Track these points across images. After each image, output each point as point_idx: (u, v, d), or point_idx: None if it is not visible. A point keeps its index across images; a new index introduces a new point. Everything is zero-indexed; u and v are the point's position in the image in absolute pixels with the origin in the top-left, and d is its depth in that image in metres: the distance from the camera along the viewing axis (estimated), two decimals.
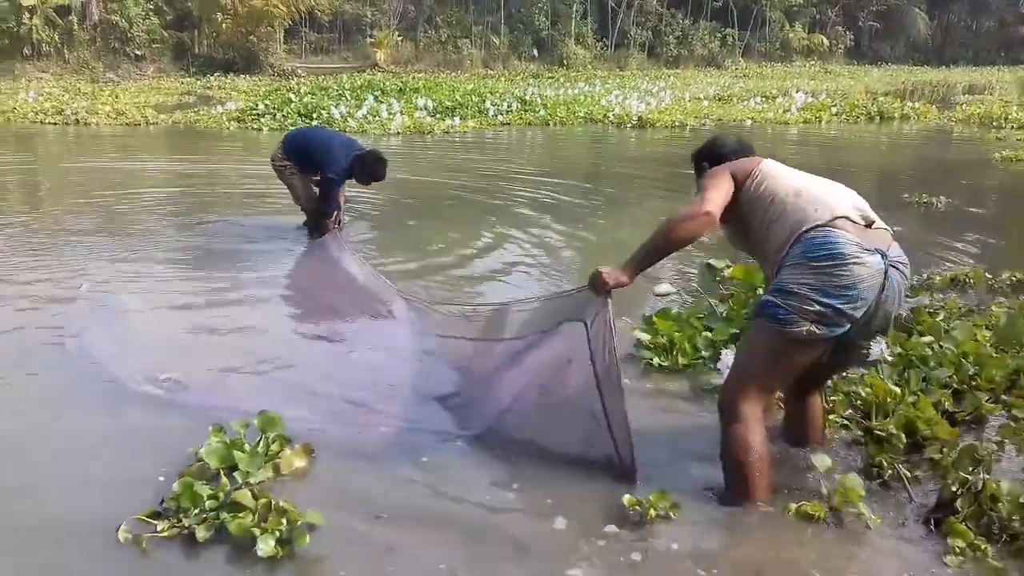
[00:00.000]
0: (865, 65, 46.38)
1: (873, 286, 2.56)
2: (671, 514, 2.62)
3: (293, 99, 16.60)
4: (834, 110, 19.02)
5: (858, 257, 2.54)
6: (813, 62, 45.83)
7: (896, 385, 3.36)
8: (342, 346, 4.38)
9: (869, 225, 2.67)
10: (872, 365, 3.38)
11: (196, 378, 3.78)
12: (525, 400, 3.24)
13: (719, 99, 23.10)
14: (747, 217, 2.83)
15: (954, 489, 2.59)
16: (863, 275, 2.54)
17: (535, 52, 39.70)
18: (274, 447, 3.00)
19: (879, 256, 2.58)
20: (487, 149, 13.36)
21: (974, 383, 3.55)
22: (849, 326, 2.58)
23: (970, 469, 2.65)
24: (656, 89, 25.38)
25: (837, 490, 2.64)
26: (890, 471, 2.87)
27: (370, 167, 6.05)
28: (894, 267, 2.62)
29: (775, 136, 15.96)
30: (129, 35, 27.00)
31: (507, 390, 3.37)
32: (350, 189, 6.78)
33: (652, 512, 2.61)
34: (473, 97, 18.34)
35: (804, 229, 2.63)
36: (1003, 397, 3.46)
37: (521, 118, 16.91)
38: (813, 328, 2.56)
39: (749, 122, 17.94)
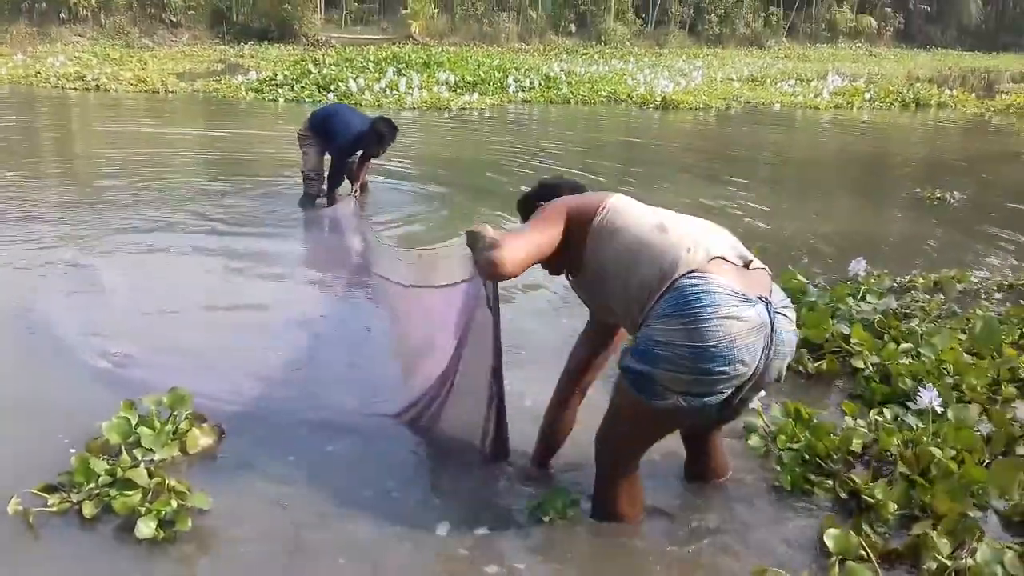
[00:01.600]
0: (914, 49, 45.10)
1: (754, 344, 2.17)
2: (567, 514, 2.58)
3: (312, 70, 16.56)
4: (868, 96, 18.51)
5: (735, 309, 2.14)
6: (859, 44, 44.70)
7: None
8: (307, 326, 4.34)
9: (747, 265, 2.30)
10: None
11: (147, 354, 3.78)
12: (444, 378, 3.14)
13: (752, 80, 22.62)
14: (599, 258, 2.41)
15: None
16: (738, 333, 2.13)
17: (572, 27, 39.22)
18: (183, 425, 2.98)
19: (762, 305, 2.20)
20: (495, 126, 13.23)
21: (957, 393, 3.37)
22: (730, 391, 2.23)
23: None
24: (690, 69, 24.92)
25: None
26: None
27: (376, 132, 6.27)
28: (780, 314, 2.26)
29: (802, 120, 15.61)
30: (166, 1, 27.18)
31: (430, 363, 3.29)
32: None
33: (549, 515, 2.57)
34: (496, 73, 18.16)
35: (679, 275, 2.21)
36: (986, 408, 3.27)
37: (543, 95, 16.69)
38: (680, 401, 2.20)
39: (778, 106, 17.54)
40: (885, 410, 3.24)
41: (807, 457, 2.89)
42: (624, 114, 15.64)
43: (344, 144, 6.40)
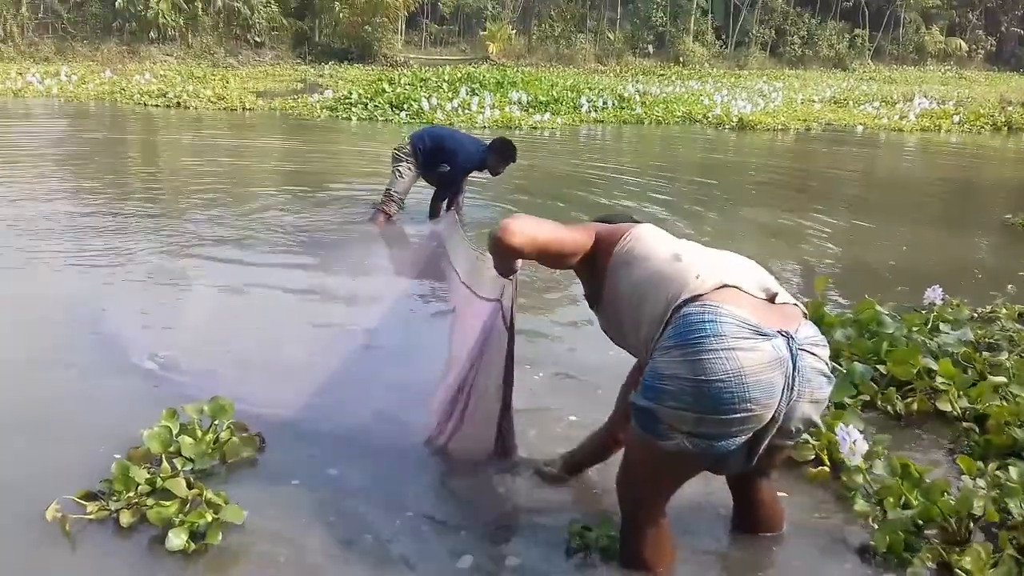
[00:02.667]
0: (1006, 72, 43.45)
1: (769, 381, 1.92)
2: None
3: (387, 89, 16.81)
4: (956, 119, 17.84)
5: (745, 341, 1.92)
6: (949, 67, 43.33)
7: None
8: (367, 341, 4.28)
9: (771, 299, 2.09)
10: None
11: (202, 363, 3.77)
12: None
13: (834, 102, 22.09)
14: (616, 290, 2.26)
15: None
16: (748, 367, 1.90)
17: (650, 48, 39.07)
18: (224, 435, 2.94)
19: (781, 339, 1.96)
20: (565, 146, 13.14)
21: None
22: (745, 437, 2.00)
23: None
24: (769, 90, 24.50)
25: None
26: None
27: (501, 151, 6.38)
28: (806, 351, 2.00)
29: (886, 143, 15.13)
30: (250, 22, 28.10)
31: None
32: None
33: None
34: (569, 93, 18.13)
35: (681, 301, 2.02)
36: None
37: (616, 116, 16.62)
38: (685, 442, 1.98)
39: (860, 128, 17.09)
40: (1012, 468, 2.69)
41: (920, 523, 2.48)
42: (699, 135, 15.41)
43: (467, 166, 6.50)
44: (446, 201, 6.81)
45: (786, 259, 5.94)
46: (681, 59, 38.38)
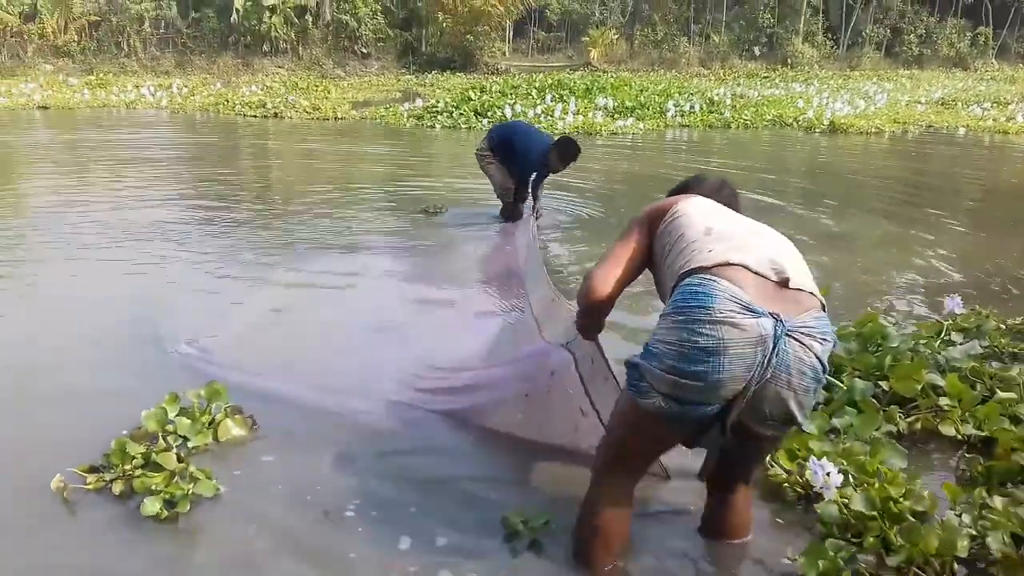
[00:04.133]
0: None
1: (745, 356, 2.01)
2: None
3: (472, 97, 17.18)
4: None
5: (731, 316, 2.02)
6: None
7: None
8: (403, 340, 4.36)
9: (783, 284, 2.14)
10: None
11: (229, 354, 4.04)
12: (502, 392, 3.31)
13: (941, 103, 21.12)
14: (657, 257, 2.42)
15: None
16: (731, 340, 2.01)
17: (756, 51, 38.22)
18: (219, 416, 3.25)
19: (770, 320, 2.03)
20: (635, 152, 13.11)
21: None
22: (717, 406, 2.10)
23: None
24: (875, 91, 23.64)
25: None
26: None
27: (562, 149, 6.45)
28: (794, 339, 2.05)
29: (987, 146, 14.42)
30: (357, 34, 29.17)
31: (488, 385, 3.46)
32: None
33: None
34: (657, 97, 18.05)
35: (684, 272, 2.17)
36: None
37: (702, 120, 16.43)
38: (660, 402, 2.11)
39: (963, 130, 16.33)
40: (998, 496, 2.55)
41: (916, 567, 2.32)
42: (786, 138, 15.07)
43: (529, 162, 6.60)
44: (525, 203, 6.93)
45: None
46: (790, 61, 37.37)
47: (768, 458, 2.87)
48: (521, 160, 6.61)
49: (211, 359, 3.99)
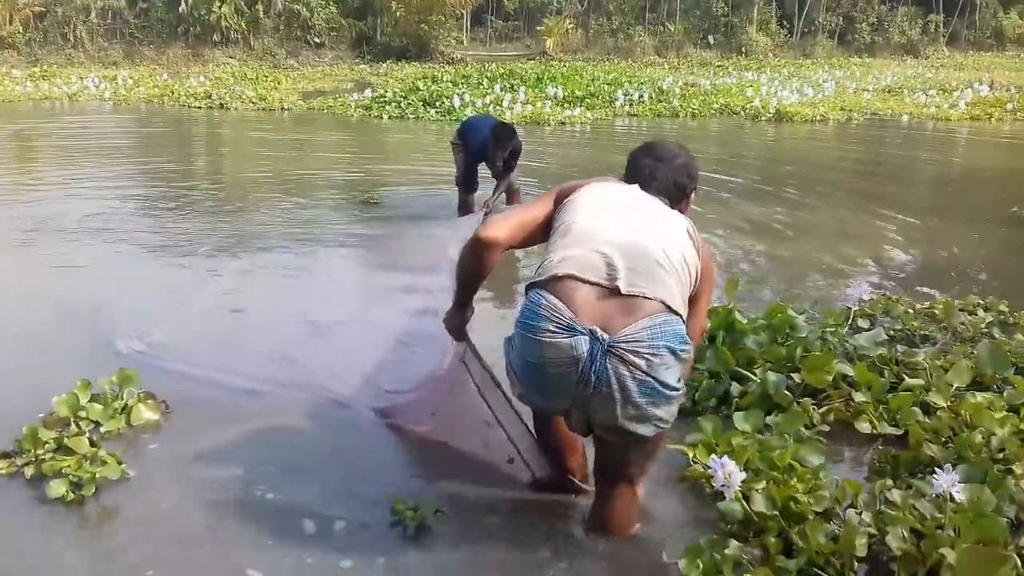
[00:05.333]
0: None
1: (563, 375, 2.13)
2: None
3: (421, 87, 17.18)
4: (1009, 107, 17.25)
5: (548, 335, 2.11)
6: None
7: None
8: (325, 328, 4.47)
9: (614, 290, 2.15)
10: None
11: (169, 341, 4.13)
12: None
13: (888, 91, 21.55)
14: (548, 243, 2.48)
15: None
16: (549, 359, 2.13)
17: (710, 40, 38.55)
18: (131, 402, 3.32)
19: (585, 338, 2.08)
20: (582, 140, 13.28)
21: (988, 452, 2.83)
22: (557, 406, 2.28)
23: None
24: (824, 79, 24.02)
25: None
26: None
27: (497, 135, 6.42)
28: (615, 355, 2.08)
29: (927, 133, 14.79)
30: (310, 23, 28.91)
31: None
32: None
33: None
34: (607, 87, 18.19)
35: (528, 284, 2.28)
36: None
37: (651, 109, 16.60)
38: (521, 392, 2.35)
39: (906, 117, 16.71)
40: (895, 490, 2.52)
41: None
42: (733, 127, 15.32)
43: (472, 150, 6.66)
44: (472, 189, 6.94)
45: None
46: (744, 50, 37.75)
47: (691, 455, 2.94)
48: (470, 149, 6.69)
49: (135, 347, 4.06)
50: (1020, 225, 7.06)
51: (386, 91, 17.31)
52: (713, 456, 2.50)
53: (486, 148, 6.49)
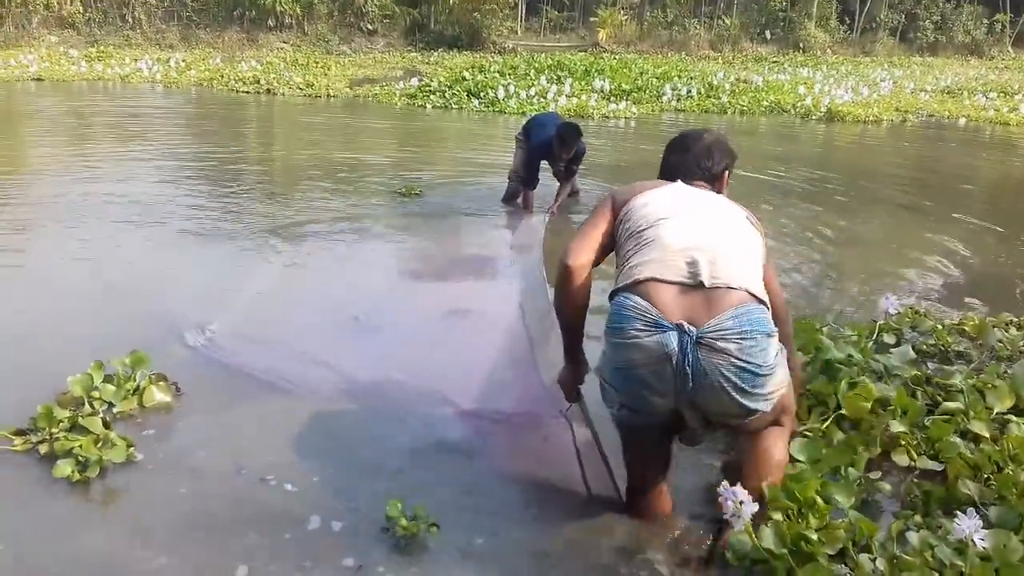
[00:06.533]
0: None
1: (657, 372, 2.15)
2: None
3: (467, 77, 17.15)
4: None
5: (636, 336, 2.15)
6: None
7: None
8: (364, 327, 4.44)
9: (698, 285, 2.20)
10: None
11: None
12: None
13: (947, 92, 20.96)
14: (617, 252, 2.51)
15: None
16: (639, 359, 2.16)
17: (768, 34, 37.88)
18: (143, 383, 3.38)
19: (674, 334, 2.12)
20: (622, 137, 13.10)
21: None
22: (659, 410, 2.25)
23: None
24: (882, 78, 23.45)
25: None
26: None
27: (562, 136, 6.43)
28: (708, 345, 2.12)
29: (984, 136, 14.35)
30: (363, 10, 29.06)
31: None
32: None
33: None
34: (655, 81, 17.98)
35: (612, 290, 2.34)
36: None
37: (699, 105, 16.38)
38: (616, 411, 2.35)
39: (963, 120, 16.25)
40: (916, 532, 2.34)
41: None
42: (780, 125, 15.03)
43: (533, 147, 6.67)
44: (533, 186, 6.89)
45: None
46: (802, 45, 37.02)
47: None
48: (532, 145, 6.68)
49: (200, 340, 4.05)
50: None
51: (432, 80, 17.33)
52: (724, 483, 2.27)
53: (549, 146, 6.50)
